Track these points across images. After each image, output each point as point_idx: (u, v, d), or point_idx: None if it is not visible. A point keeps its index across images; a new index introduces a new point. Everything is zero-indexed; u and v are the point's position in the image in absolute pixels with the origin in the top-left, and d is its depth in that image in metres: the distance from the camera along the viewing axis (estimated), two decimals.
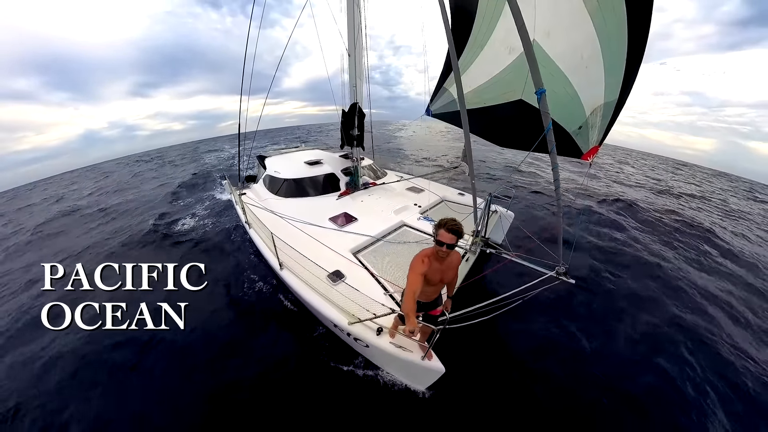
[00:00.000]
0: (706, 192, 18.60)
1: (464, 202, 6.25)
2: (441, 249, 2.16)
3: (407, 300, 2.18)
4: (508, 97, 4.28)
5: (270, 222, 5.08)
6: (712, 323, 5.07)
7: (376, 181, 7.29)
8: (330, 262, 3.99)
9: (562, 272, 3.10)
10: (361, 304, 2.92)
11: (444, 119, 5.77)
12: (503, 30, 4.01)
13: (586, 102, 3.34)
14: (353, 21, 5.86)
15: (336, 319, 3.02)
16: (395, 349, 2.69)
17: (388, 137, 32.70)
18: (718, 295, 5.94)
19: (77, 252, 8.14)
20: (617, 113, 3.16)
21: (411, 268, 2.29)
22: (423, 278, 2.24)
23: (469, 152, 3.98)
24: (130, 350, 4.14)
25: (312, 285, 3.41)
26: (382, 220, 5.30)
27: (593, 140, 3.42)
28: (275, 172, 6.81)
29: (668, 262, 7.03)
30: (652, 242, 8.27)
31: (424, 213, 5.74)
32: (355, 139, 6.70)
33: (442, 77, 5.54)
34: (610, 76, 3.05)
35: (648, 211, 11.05)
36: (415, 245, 4.59)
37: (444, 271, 2.38)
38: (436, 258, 2.27)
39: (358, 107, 6.46)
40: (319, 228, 4.93)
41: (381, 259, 4.29)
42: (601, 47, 3.01)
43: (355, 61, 6.19)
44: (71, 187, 21.81)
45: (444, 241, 2.12)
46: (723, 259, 7.79)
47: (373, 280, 3.74)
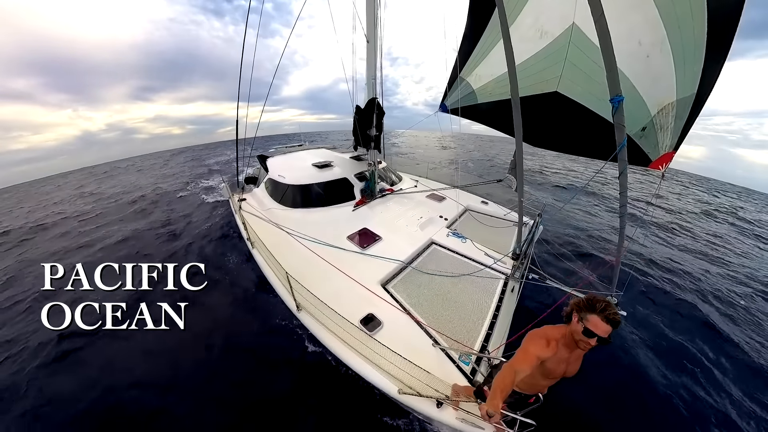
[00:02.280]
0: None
1: (488, 211, 5.69)
2: (587, 342, 1.57)
3: (505, 377, 1.64)
4: (541, 88, 3.80)
5: (276, 240, 4.44)
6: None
7: (393, 188, 6.53)
8: (357, 298, 3.32)
9: (615, 303, 2.73)
10: (410, 372, 2.27)
11: (463, 115, 5.23)
12: (534, 10, 3.54)
13: (650, 99, 2.81)
14: (373, 2, 5.26)
15: (382, 386, 2.39)
16: (463, 425, 2.09)
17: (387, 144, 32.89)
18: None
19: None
20: (696, 112, 2.59)
21: (526, 345, 1.73)
22: (538, 364, 1.68)
23: (520, 164, 3.43)
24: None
25: (343, 337, 2.71)
26: (408, 238, 4.54)
27: (666, 145, 2.86)
28: (279, 176, 6.03)
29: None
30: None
31: (451, 227, 5.05)
32: (373, 139, 5.87)
33: (458, 66, 4.96)
34: (684, 66, 2.52)
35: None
36: (450, 271, 3.86)
37: (571, 363, 1.75)
38: (567, 344, 1.68)
39: (377, 103, 5.64)
40: (336, 249, 4.21)
41: (414, 292, 3.52)
42: (667, 32, 2.49)
43: (375, 48, 5.50)
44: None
45: (598, 333, 1.53)
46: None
47: (413, 325, 3.01)
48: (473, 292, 3.52)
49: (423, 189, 6.61)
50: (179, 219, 9.90)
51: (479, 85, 4.83)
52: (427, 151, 27.55)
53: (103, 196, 15.75)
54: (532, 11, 3.56)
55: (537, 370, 1.71)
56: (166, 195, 13.76)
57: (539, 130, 4.11)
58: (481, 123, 5.03)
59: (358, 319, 2.95)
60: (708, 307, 5.67)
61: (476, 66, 4.71)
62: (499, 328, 3.04)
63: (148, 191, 14.96)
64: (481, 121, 5.03)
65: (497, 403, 1.57)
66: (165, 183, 17.00)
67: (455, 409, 2.17)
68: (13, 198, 21.61)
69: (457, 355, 2.68)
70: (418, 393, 2.20)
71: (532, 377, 1.75)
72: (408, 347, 2.55)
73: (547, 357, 1.68)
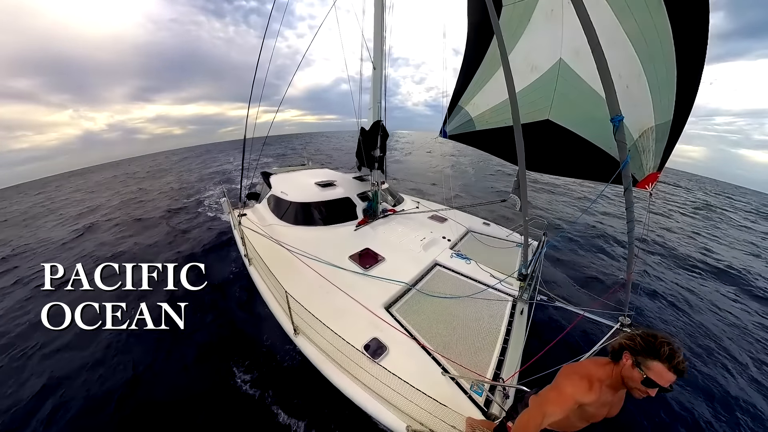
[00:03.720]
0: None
1: (491, 233, 5.75)
2: (644, 390, 1.31)
3: (531, 423, 1.40)
4: (533, 117, 4.09)
5: (276, 257, 4.33)
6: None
7: (395, 208, 6.64)
8: (359, 322, 3.17)
9: (627, 324, 2.64)
10: (421, 405, 2.06)
11: (462, 140, 5.55)
12: (525, 48, 3.91)
13: (631, 124, 3.02)
14: (380, 30, 5.46)
15: (388, 422, 2.17)
16: None
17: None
18: None
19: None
20: (676, 136, 2.82)
21: (561, 385, 1.48)
22: (577, 408, 1.42)
23: (524, 183, 3.43)
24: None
25: (343, 365, 2.53)
26: (412, 260, 4.48)
27: (649, 166, 3.06)
28: (282, 193, 6.14)
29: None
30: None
31: (454, 248, 5.05)
32: (377, 160, 6.08)
33: (456, 94, 5.33)
34: (660, 95, 2.78)
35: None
36: (453, 292, 3.78)
37: (614, 405, 1.52)
38: (614, 386, 1.43)
39: (381, 126, 5.92)
40: (338, 269, 4.12)
41: (419, 316, 3.37)
42: (643, 67, 2.79)
43: (381, 74, 5.75)
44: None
45: (662, 384, 1.27)
46: None
47: (420, 351, 2.83)
48: (481, 315, 3.40)
49: (424, 210, 6.71)
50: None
51: (477, 114, 5.15)
52: (421, 157, 28.11)
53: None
54: (522, 49, 3.93)
55: (574, 413, 1.43)
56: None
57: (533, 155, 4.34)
58: (480, 149, 5.29)
59: (362, 345, 2.77)
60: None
61: (474, 95, 5.07)
62: (511, 354, 2.88)
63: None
64: (479, 147, 5.29)
65: None
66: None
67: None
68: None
69: (468, 385, 2.48)
70: (430, 430, 1.98)
71: (566, 419, 1.44)
72: (415, 376, 2.31)
73: (588, 402, 1.41)
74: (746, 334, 5.56)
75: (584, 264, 7.79)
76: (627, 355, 1.37)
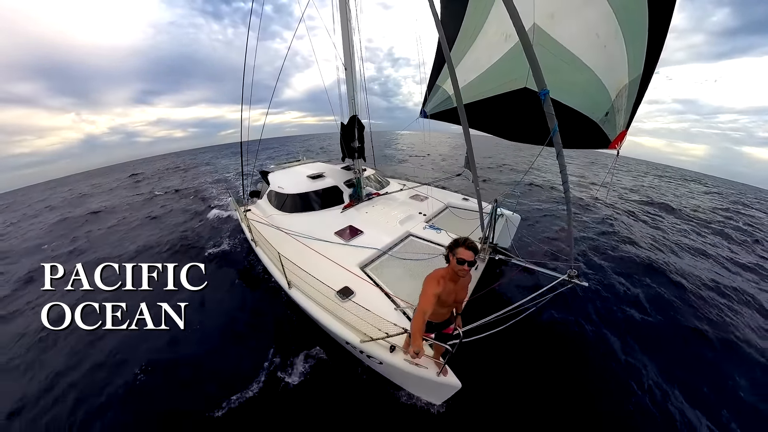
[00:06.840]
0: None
1: (469, 207, 6.32)
2: (462, 268, 2.07)
3: (416, 320, 2.07)
4: (511, 86, 4.13)
5: (276, 238, 5.09)
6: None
7: (379, 192, 7.28)
8: (338, 277, 3.90)
9: (574, 275, 2.98)
10: (372, 323, 2.81)
11: (442, 119, 5.64)
12: (497, 17, 3.93)
13: (610, 85, 3.11)
14: (348, 36, 6.06)
15: (348, 338, 2.98)
16: (410, 366, 2.61)
17: (387, 142, 36.40)
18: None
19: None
20: (643, 90, 2.92)
21: (424, 289, 2.17)
22: (436, 299, 2.14)
23: (472, 158, 3.92)
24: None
25: (322, 304, 3.35)
26: (387, 232, 5.23)
27: (620, 125, 3.19)
28: (279, 187, 6.89)
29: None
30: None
31: (429, 221, 5.72)
32: (356, 151, 6.79)
33: (434, 74, 5.41)
34: (632, 48, 2.83)
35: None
36: (424, 257, 4.45)
37: (458, 292, 2.32)
38: (451, 278, 2.20)
39: (357, 119, 6.60)
40: (325, 243, 4.89)
41: (389, 273, 4.19)
42: (618, 21, 2.81)
43: (352, 74, 6.36)
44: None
45: (466, 258, 2.04)
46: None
47: (382, 296, 3.63)
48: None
49: (406, 189, 7.43)
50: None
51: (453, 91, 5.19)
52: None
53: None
54: (495, 18, 3.94)
55: (437, 304, 2.17)
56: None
57: (513, 125, 4.45)
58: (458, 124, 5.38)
59: (337, 289, 3.52)
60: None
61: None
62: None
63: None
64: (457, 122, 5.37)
65: (419, 342, 1.97)
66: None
67: (406, 354, 2.61)
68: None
69: (411, 312, 3.12)
70: (371, 338, 2.71)
71: (436, 309, 2.23)
72: (373, 310, 2.97)
73: (439, 292, 2.15)
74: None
75: (544, 228, 8.75)
76: (450, 255, 2.13)
